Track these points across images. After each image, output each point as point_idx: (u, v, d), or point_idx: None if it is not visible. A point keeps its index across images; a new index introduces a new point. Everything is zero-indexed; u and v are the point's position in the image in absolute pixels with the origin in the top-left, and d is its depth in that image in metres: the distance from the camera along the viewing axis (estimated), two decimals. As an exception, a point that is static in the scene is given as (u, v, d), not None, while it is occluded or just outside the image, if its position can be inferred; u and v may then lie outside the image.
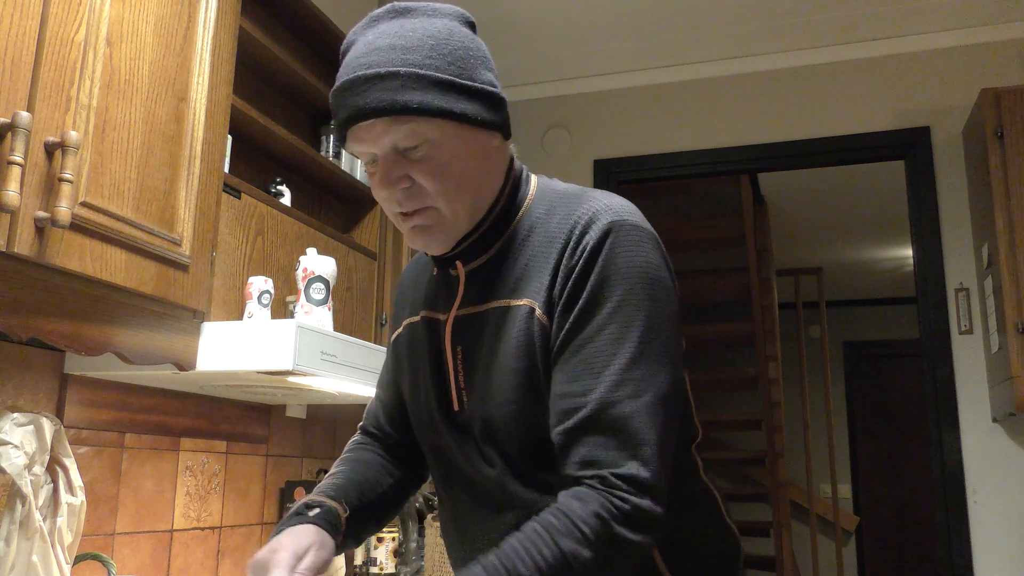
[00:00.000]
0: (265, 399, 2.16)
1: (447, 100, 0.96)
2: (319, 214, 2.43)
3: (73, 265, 1.25)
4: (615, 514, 0.88)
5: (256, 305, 1.77)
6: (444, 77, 0.97)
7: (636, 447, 0.90)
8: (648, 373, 0.92)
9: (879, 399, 6.50)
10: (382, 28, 0.99)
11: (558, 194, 1.06)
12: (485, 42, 1.07)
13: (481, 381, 1.02)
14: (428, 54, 0.97)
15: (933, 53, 3.02)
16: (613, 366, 0.92)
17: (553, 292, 0.98)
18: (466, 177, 1.00)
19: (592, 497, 0.89)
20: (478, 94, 1.00)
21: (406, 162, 0.98)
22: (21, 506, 1.35)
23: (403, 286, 1.23)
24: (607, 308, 0.94)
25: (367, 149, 0.99)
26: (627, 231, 0.97)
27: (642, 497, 0.89)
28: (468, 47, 1.01)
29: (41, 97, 1.19)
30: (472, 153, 1.00)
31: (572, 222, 1.00)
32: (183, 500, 1.96)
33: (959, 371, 2.82)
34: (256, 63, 2.10)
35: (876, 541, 6.29)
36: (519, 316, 1.00)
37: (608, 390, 0.91)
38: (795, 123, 3.16)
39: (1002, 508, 2.71)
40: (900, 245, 5.31)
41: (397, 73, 0.95)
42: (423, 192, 0.99)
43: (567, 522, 0.87)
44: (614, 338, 0.93)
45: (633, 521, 0.88)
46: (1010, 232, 2.51)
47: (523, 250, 1.03)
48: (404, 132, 0.96)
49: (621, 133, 3.36)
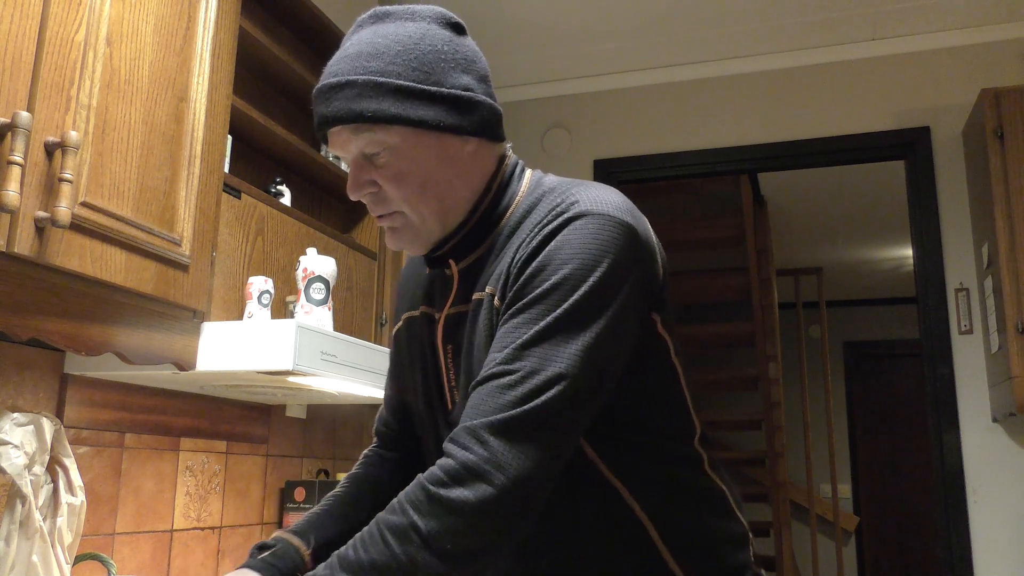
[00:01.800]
0: (265, 399, 2.16)
1: (403, 107, 0.96)
2: (319, 214, 2.43)
3: (73, 265, 1.25)
4: (435, 474, 0.85)
5: (256, 305, 1.77)
6: (403, 84, 0.96)
7: (498, 411, 0.86)
8: (553, 352, 0.88)
9: (879, 399, 6.50)
10: (359, 35, 1.01)
11: (547, 188, 1.05)
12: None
13: (464, 378, 1.02)
14: (391, 60, 0.97)
15: (933, 53, 3.02)
16: (520, 341, 0.89)
17: (508, 275, 0.97)
18: (429, 183, 1.00)
19: (426, 472, 0.88)
20: (443, 99, 0.98)
21: (372, 168, 1.00)
22: (21, 506, 1.35)
23: (404, 279, 1.23)
24: (538, 290, 0.91)
25: (339, 153, 1.03)
26: (592, 218, 0.94)
27: (472, 452, 0.84)
28: (440, 50, 0.99)
29: (41, 97, 1.19)
30: (437, 159, 1.00)
31: (548, 212, 0.98)
32: (183, 500, 1.96)
33: (959, 371, 2.82)
34: (256, 63, 2.10)
35: (876, 541, 6.29)
36: (483, 307, 1.00)
37: (504, 361, 0.89)
38: (795, 123, 3.16)
39: (1002, 508, 2.71)
40: (900, 245, 5.31)
41: (355, 82, 0.97)
42: (388, 197, 1.01)
43: (393, 502, 0.87)
44: (531, 318, 0.90)
45: (455, 476, 0.84)
46: (1010, 232, 2.51)
47: (507, 247, 1.02)
48: (364, 140, 0.98)
49: (621, 133, 3.36)
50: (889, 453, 6.39)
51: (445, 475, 0.85)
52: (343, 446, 2.63)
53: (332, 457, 2.56)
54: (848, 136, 3.08)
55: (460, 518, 0.83)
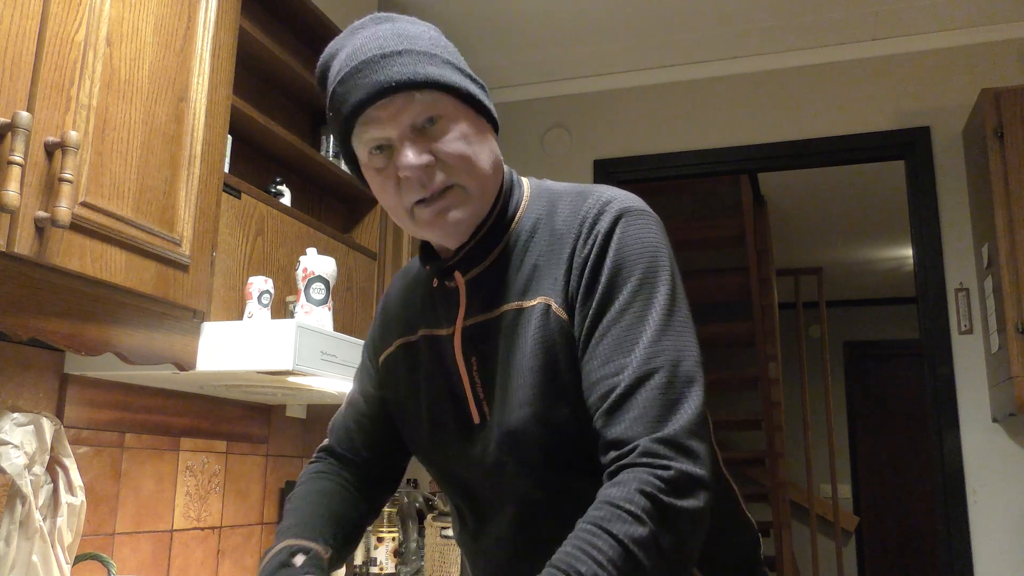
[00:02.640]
0: (265, 399, 2.16)
1: (461, 79, 0.97)
2: (319, 214, 2.43)
3: (73, 265, 1.25)
4: (658, 485, 0.83)
5: (256, 305, 1.77)
6: (452, 60, 0.98)
7: (674, 413, 0.87)
8: (677, 343, 0.92)
9: (879, 399, 6.50)
10: (372, 30, 0.99)
11: (557, 193, 1.05)
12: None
13: (500, 388, 0.99)
14: (431, 42, 0.98)
15: (933, 53, 3.02)
16: (642, 341, 0.91)
17: (569, 285, 0.97)
18: (482, 157, 0.98)
19: (630, 477, 0.85)
20: (478, 83, 1.01)
21: (426, 139, 0.95)
22: (21, 506, 1.35)
23: (389, 303, 1.18)
24: (628, 288, 0.93)
25: (381, 133, 0.95)
26: (636, 215, 0.98)
27: (683, 461, 0.85)
28: (454, 48, 1.03)
29: (41, 97, 1.19)
30: (483, 139, 1.00)
31: (581, 216, 0.99)
32: (183, 500, 1.96)
33: (959, 371, 2.82)
34: (256, 63, 2.10)
35: (876, 541, 6.29)
36: (534, 315, 0.98)
37: (640, 364, 0.89)
38: (795, 123, 3.16)
39: (1002, 508, 2.71)
40: (900, 245, 5.31)
41: (412, 50, 0.95)
42: (447, 168, 0.96)
43: (612, 509, 0.83)
44: (638, 316, 0.92)
45: (678, 487, 0.84)
46: (1010, 232, 2.51)
47: (528, 251, 1.01)
48: (424, 105, 0.94)
49: (621, 133, 3.36)
50: (889, 453, 6.39)
51: (668, 486, 0.84)
52: (343, 446, 2.62)
53: (332, 457, 2.56)
54: (848, 136, 3.08)
55: (690, 527, 0.85)
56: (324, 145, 2.36)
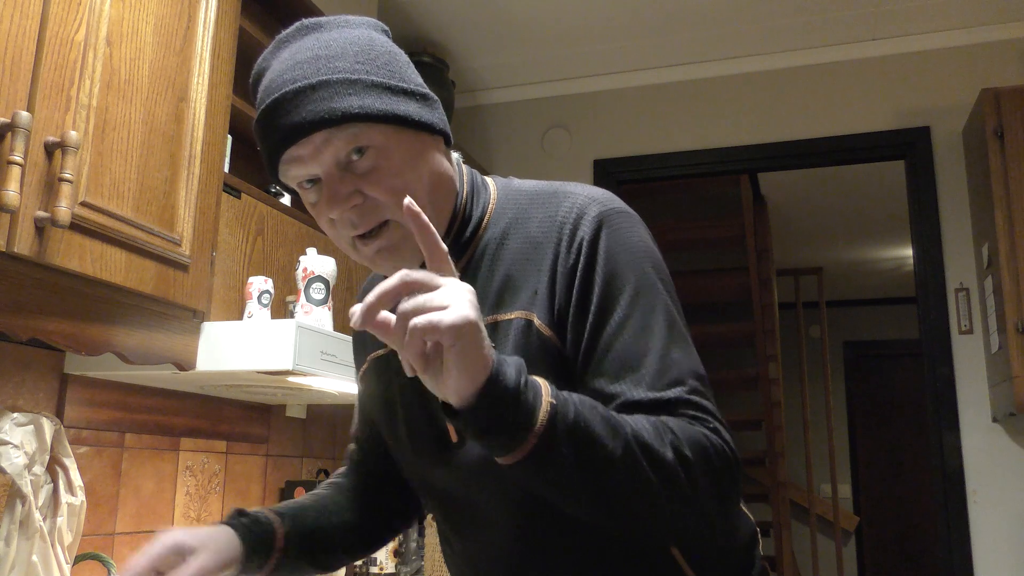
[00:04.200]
0: (265, 399, 2.16)
1: (387, 102, 0.89)
2: (319, 214, 2.43)
3: (73, 265, 1.25)
4: (710, 443, 0.83)
5: (256, 305, 1.77)
6: (378, 80, 0.90)
7: (707, 418, 0.85)
8: (684, 352, 0.89)
9: (879, 399, 6.50)
10: (297, 45, 0.92)
11: (527, 195, 0.99)
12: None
13: None
14: (355, 60, 0.90)
15: (933, 53, 3.02)
16: (650, 356, 0.87)
17: (556, 298, 0.91)
18: (419, 184, 0.91)
19: (685, 424, 0.83)
20: (413, 95, 0.92)
21: (353, 177, 0.89)
22: (21, 506, 1.35)
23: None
24: (624, 299, 0.89)
25: (305, 171, 0.90)
26: (617, 217, 0.93)
27: (727, 436, 0.84)
28: (390, 51, 0.94)
29: (41, 97, 1.19)
30: (420, 158, 0.92)
31: (559, 221, 0.93)
32: (183, 500, 1.96)
33: (959, 371, 2.82)
34: (256, 63, 2.10)
35: (876, 541, 6.29)
36: (512, 331, 0.91)
37: (655, 378, 0.86)
38: (795, 123, 3.16)
39: (1002, 508, 2.71)
40: (900, 245, 5.31)
41: (328, 81, 0.87)
42: (378, 206, 0.89)
43: (667, 429, 0.81)
44: (641, 327, 0.88)
45: (724, 455, 0.83)
46: (1010, 232, 2.51)
47: (498, 260, 0.95)
48: (345, 141, 0.87)
49: (621, 133, 3.36)
50: (889, 453, 6.39)
51: (716, 448, 0.83)
52: (343, 446, 2.63)
53: (332, 457, 2.56)
54: (848, 136, 3.08)
55: (724, 489, 0.84)
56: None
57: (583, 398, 0.79)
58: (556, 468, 0.76)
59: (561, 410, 0.75)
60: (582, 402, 0.78)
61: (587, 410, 0.77)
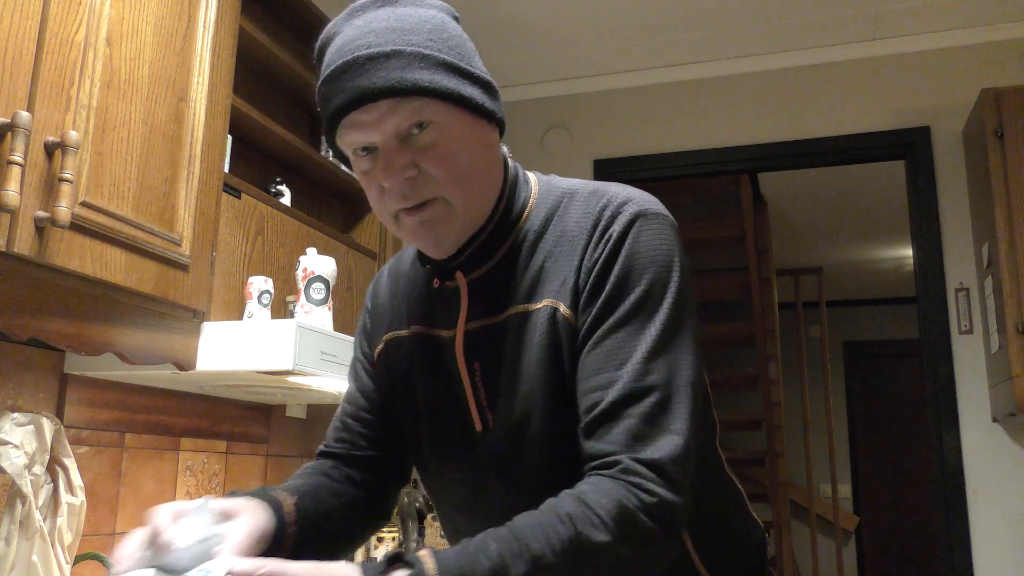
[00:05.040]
0: (265, 399, 2.16)
1: (455, 82, 0.90)
2: (319, 214, 2.43)
3: (73, 265, 1.25)
4: (636, 503, 0.82)
5: (256, 305, 1.77)
6: (449, 59, 0.91)
7: (660, 435, 0.84)
8: (672, 363, 0.88)
9: (879, 399, 6.50)
10: (372, 15, 0.92)
11: (567, 191, 1.00)
12: (486, 42, 1.05)
13: (506, 396, 0.95)
14: (428, 37, 0.91)
15: (933, 53, 3.02)
16: (635, 356, 0.87)
17: (578, 286, 0.92)
18: (475, 166, 0.93)
19: (610, 485, 0.83)
20: (478, 81, 0.94)
21: (411, 149, 0.90)
22: (21, 506, 1.35)
23: (378, 298, 1.13)
24: (631, 298, 0.89)
25: (365, 138, 0.91)
26: (651, 219, 0.94)
27: (664, 487, 0.83)
28: (462, 36, 0.96)
29: (41, 97, 1.19)
30: (478, 143, 0.94)
31: (595, 217, 0.94)
32: (183, 500, 1.96)
33: (959, 371, 2.82)
34: (256, 63, 2.10)
35: (876, 541, 6.29)
36: (539, 320, 0.93)
37: (631, 381, 0.86)
38: (795, 123, 3.16)
39: (1002, 508, 2.71)
40: (900, 245, 5.31)
41: (403, 52, 0.88)
42: (431, 182, 0.91)
43: (584, 510, 0.81)
44: (637, 329, 0.88)
45: (653, 511, 0.82)
46: (1010, 232, 2.51)
47: (536, 252, 0.97)
48: (409, 114, 0.88)
49: (621, 133, 3.36)
50: (889, 453, 6.39)
51: (646, 509, 0.82)
52: (343, 446, 2.62)
53: (332, 457, 2.56)
54: (848, 136, 3.08)
55: (656, 552, 0.84)
56: (324, 145, 2.36)
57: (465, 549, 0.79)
58: None
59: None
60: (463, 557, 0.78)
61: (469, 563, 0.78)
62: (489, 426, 0.97)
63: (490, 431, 0.96)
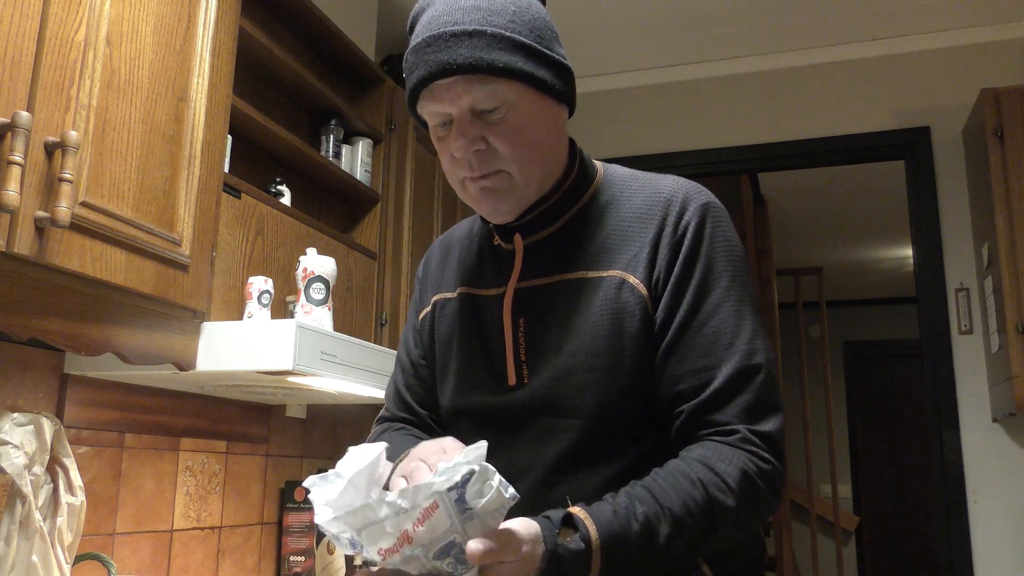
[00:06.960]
0: (265, 399, 2.16)
1: (530, 64, 0.98)
2: (319, 214, 2.43)
3: (73, 265, 1.25)
4: (755, 470, 0.92)
5: (256, 305, 1.77)
6: (527, 42, 0.98)
7: (770, 410, 0.95)
8: (765, 343, 0.99)
9: (879, 399, 6.50)
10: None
11: (630, 175, 1.10)
12: None
13: (551, 353, 1.01)
14: (511, 18, 0.98)
15: (933, 53, 3.02)
16: (742, 337, 0.97)
17: (656, 264, 1.00)
18: (539, 145, 1.01)
19: (731, 453, 0.92)
20: (554, 64, 1.02)
21: (482, 124, 0.98)
22: (21, 506, 1.35)
23: (429, 266, 1.22)
24: (722, 285, 0.99)
25: (442, 109, 0.99)
26: (719, 213, 1.04)
27: (776, 457, 0.94)
28: (543, 19, 1.04)
29: (41, 97, 1.19)
30: (546, 122, 1.02)
31: (664, 199, 1.04)
32: (183, 500, 1.96)
33: (959, 371, 2.82)
34: (256, 63, 2.10)
35: (876, 541, 6.29)
36: (604, 286, 1.01)
37: (743, 359, 0.96)
38: (795, 123, 3.16)
39: (1002, 508, 2.71)
40: (900, 245, 5.31)
41: (484, 32, 0.96)
42: (497, 156, 0.99)
43: (712, 476, 0.90)
44: (734, 312, 0.98)
45: (770, 479, 0.93)
46: (1010, 232, 2.51)
47: (601, 224, 1.05)
48: (485, 92, 0.96)
49: (621, 133, 3.36)
50: (889, 453, 6.39)
51: (765, 476, 0.93)
52: (343, 446, 2.62)
53: (332, 457, 2.56)
54: (848, 136, 3.08)
55: (765, 514, 0.97)
56: (324, 145, 2.36)
57: (623, 504, 0.88)
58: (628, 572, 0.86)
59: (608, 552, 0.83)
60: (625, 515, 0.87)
61: (626, 521, 0.86)
62: (524, 380, 1.03)
63: (524, 385, 1.03)
